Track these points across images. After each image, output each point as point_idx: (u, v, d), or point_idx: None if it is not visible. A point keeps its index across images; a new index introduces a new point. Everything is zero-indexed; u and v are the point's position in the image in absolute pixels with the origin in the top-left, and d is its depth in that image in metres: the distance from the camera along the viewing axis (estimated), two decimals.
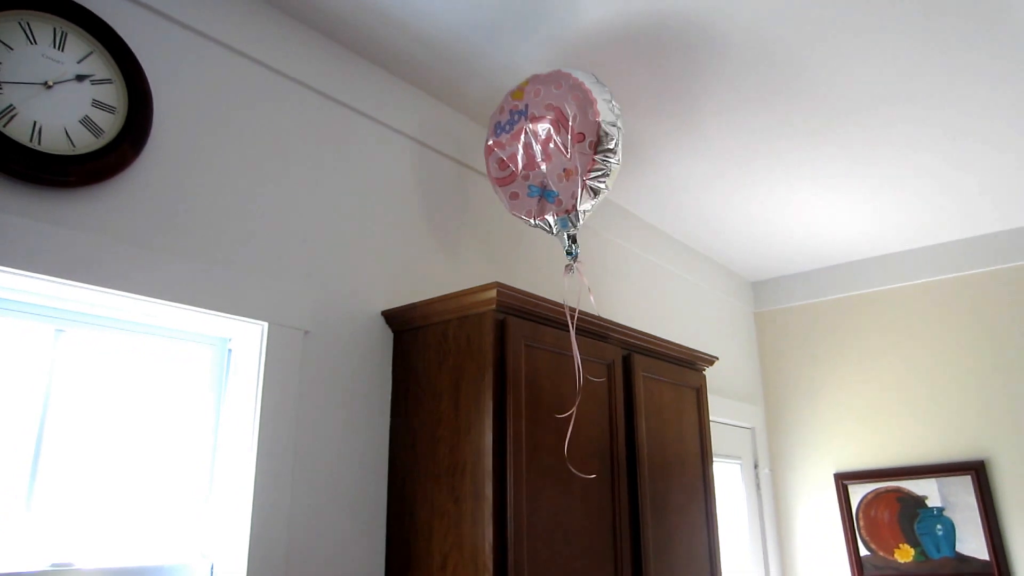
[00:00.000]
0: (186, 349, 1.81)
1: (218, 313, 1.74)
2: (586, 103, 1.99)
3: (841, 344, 4.05)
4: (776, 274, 4.28)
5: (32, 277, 1.47)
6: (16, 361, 1.54)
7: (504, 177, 2.10)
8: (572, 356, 2.05)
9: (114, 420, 1.66)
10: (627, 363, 2.31)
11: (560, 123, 1.99)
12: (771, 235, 3.66)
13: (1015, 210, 3.38)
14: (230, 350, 1.88)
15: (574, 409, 1.96)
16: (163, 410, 1.74)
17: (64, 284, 1.52)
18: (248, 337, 1.85)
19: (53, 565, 1.50)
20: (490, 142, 2.14)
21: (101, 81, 1.62)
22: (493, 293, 1.85)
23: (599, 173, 2.01)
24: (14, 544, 1.47)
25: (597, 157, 1.99)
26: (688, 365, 2.65)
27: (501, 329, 1.89)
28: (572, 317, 2.00)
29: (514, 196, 2.10)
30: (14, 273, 1.45)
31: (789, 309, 4.29)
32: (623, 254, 3.29)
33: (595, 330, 2.20)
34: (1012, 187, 3.13)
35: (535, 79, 2.10)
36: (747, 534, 3.84)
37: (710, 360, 2.73)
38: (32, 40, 1.54)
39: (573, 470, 1.95)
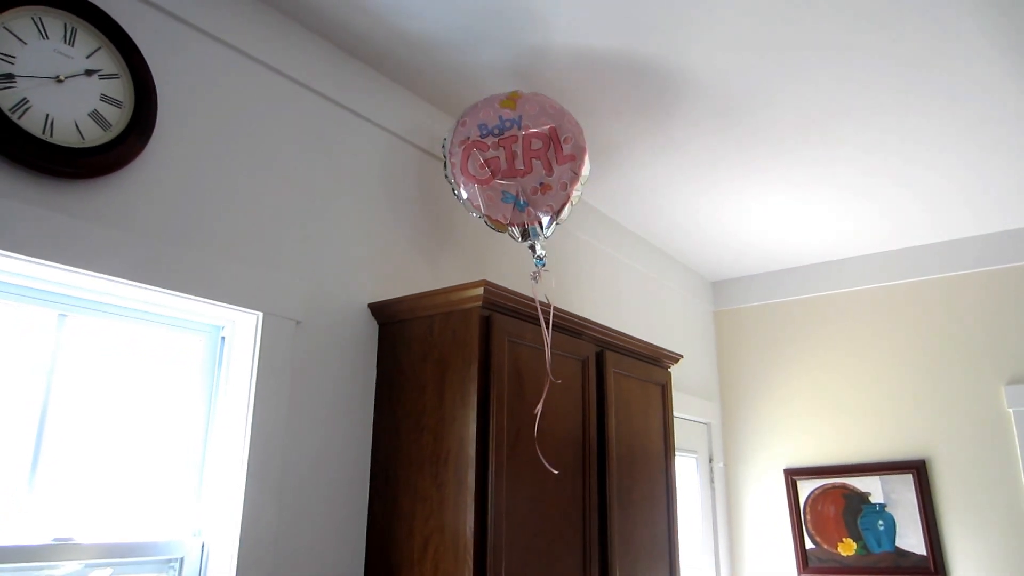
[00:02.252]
0: (181, 336, 1.88)
1: (216, 302, 1.81)
2: (578, 131, 2.15)
3: (794, 344, 4.23)
4: (735, 275, 4.45)
5: (40, 264, 1.53)
6: (21, 344, 1.60)
7: (482, 178, 2.19)
8: (556, 353, 2.16)
9: (113, 402, 1.73)
10: (600, 359, 2.43)
11: (552, 141, 2.10)
12: (733, 237, 3.82)
13: (957, 223, 3.58)
14: (223, 338, 1.95)
15: (539, 406, 2.06)
16: (159, 394, 1.81)
17: (70, 271, 1.57)
18: (243, 326, 1.92)
19: (55, 539, 1.57)
20: (470, 139, 2.20)
21: (109, 76, 1.68)
22: (480, 290, 1.95)
23: (577, 195, 2.16)
24: (18, 519, 1.53)
25: (580, 181, 2.15)
26: (655, 362, 2.78)
27: (486, 325, 1.99)
28: (547, 315, 2.11)
29: (488, 198, 2.19)
30: (23, 260, 1.51)
31: (746, 309, 4.46)
32: (592, 251, 3.41)
33: (571, 327, 2.32)
34: (954, 202, 3.33)
35: (527, 95, 2.21)
36: (699, 525, 4.00)
37: (675, 358, 2.87)
38: (44, 35, 1.59)
39: (543, 461, 2.06)
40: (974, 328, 3.73)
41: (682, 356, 2.88)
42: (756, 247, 3.95)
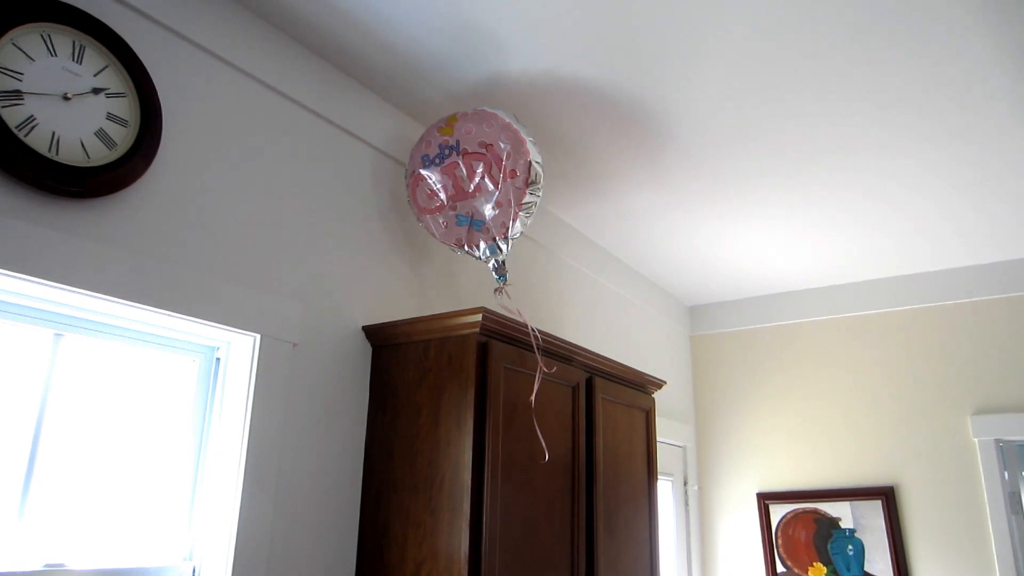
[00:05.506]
0: (175, 357, 1.86)
1: (214, 324, 1.80)
2: (517, 142, 2.16)
3: (769, 370, 4.30)
4: (712, 300, 4.51)
5: (38, 283, 1.51)
6: (16, 363, 1.57)
7: (432, 207, 2.24)
8: (547, 379, 2.19)
9: (107, 424, 1.70)
10: (589, 386, 2.45)
11: (493, 159, 2.13)
12: (712, 263, 3.88)
13: (930, 256, 3.69)
14: (218, 359, 1.93)
15: (535, 389, 2.10)
16: (153, 415, 1.79)
17: (69, 291, 1.55)
18: (240, 347, 1.91)
19: (46, 565, 1.54)
20: (417, 172, 2.26)
21: (116, 95, 1.67)
22: (479, 317, 1.96)
23: (528, 206, 2.18)
24: (9, 544, 1.50)
25: (529, 191, 2.16)
26: (640, 388, 2.81)
27: (483, 351, 2.00)
28: (535, 336, 2.14)
29: (443, 225, 2.23)
30: (21, 278, 1.48)
31: (722, 334, 4.52)
32: (573, 273, 3.44)
33: (562, 353, 2.34)
34: (927, 236, 3.43)
35: (463, 116, 2.24)
36: (673, 547, 4.03)
37: (659, 384, 2.90)
38: (52, 52, 1.58)
39: (541, 440, 2.07)
40: (942, 359, 3.83)
41: (666, 382, 2.92)
42: (734, 274, 4.02)
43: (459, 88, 2.37)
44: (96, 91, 1.63)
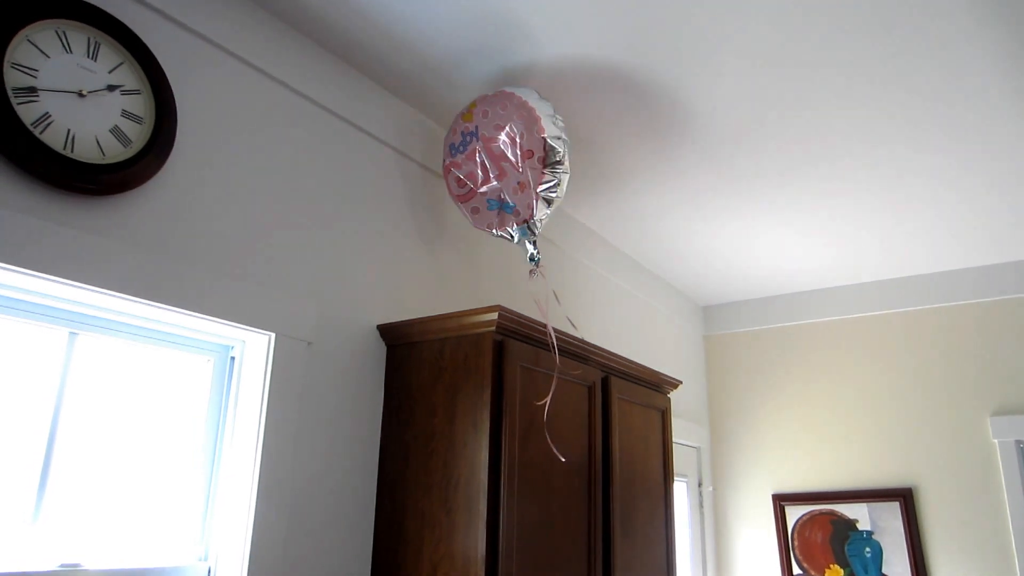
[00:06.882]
0: (190, 356, 1.85)
1: (229, 323, 1.79)
2: (531, 121, 2.13)
3: (784, 371, 4.26)
4: (727, 300, 4.48)
5: (54, 281, 1.50)
6: (31, 362, 1.56)
7: (464, 194, 2.25)
8: (563, 379, 2.17)
9: (122, 424, 1.69)
10: (605, 385, 2.43)
11: (510, 141, 2.12)
12: (726, 263, 3.85)
13: (948, 255, 3.64)
14: (232, 358, 1.92)
15: (548, 398, 2.08)
16: (168, 415, 1.78)
17: (84, 289, 1.54)
18: (254, 346, 1.90)
19: (62, 565, 1.53)
20: (447, 162, 2.28)
21: (131, 92, 1.66)
22: (494, 316, 1.94)
23: (550, 184, 2.15)
24: (25, 544, 1.50)
25: (547, 170, 2.13)
26: (656, 388, 2.78)
27: (499, 350, 1.98)
28: (552, 336, 2.12)
29: (475, 211, 2.24)
30: (37, 276, 1.47)
31: (737, 334, 4.48)
32: (588, 273, 3.42)
33: (578, 352, 2.31)
34: (946, 234, 3.38)
35: (482, 100, 2.23)
36: (688, 549, 4.00)
37: (675, 384, 2.88)
38: (68, 49, 1.57)
39: (553, 448, 2.05)
40: (961, 359, 3.78)
41: (681, 382, 2.89)
42: (749, 273, 3.99)
43: (476, 89, 2.35)
44: (111, 88, 1.63)
